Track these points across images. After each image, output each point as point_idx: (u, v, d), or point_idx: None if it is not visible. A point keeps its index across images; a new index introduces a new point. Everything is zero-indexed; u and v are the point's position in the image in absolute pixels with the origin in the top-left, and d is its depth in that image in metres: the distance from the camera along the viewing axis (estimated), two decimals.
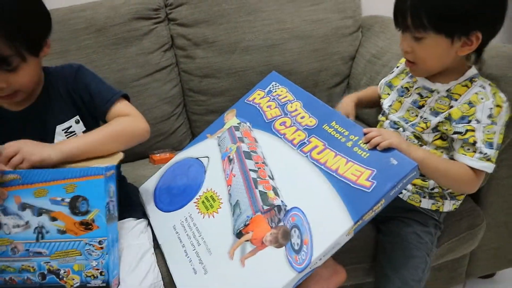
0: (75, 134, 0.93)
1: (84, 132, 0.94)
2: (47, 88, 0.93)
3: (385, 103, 1.03)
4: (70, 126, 0.92)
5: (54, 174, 0.79)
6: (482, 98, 0.85)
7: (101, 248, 0.79)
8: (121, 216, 0.95)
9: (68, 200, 0.78)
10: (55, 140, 0.91)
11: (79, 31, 1.30)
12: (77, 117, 0.93)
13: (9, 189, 0.79)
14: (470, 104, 0.86)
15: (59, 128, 0.91)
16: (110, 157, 0.88)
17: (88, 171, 0.79)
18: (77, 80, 0.94)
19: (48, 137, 0.90)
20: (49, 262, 0.80)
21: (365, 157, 0.79)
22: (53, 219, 0.79)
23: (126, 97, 0.97)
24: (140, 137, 0.95)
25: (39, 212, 0.79)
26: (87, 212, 0.78)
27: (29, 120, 0.91)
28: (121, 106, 0.95)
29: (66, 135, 0.92)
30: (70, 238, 0.79)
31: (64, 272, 0.80)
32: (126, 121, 0.93)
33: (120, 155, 0.89)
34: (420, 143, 0.93)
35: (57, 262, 0.79)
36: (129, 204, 1.00)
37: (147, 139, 1.36)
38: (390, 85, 1.05)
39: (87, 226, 0.78)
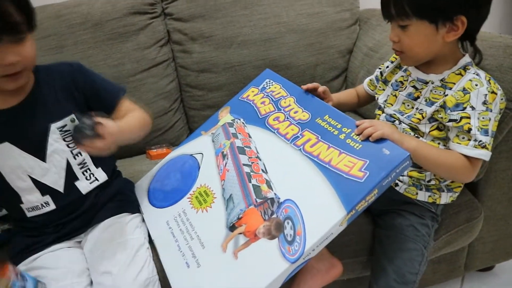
0: (71, 132, 0.91)
1: None
2: (39, 85, 0.90)
3: (380, 98, 1.03)
4: (65, 125, 0.90)
5: None
6: (476, 85, 0.85)
7: None
8: (116, 211, 0.96)
9: None
10: (49, 139, 0.88)
11: (75, 26, 1.30)
12: (73, 116, 0.91)
13: None
14: (465, 91, 0.85)
15: (54, 127, 0.89)
16: None
17: None
18: (81, 77, 0.94)
19: (40, 135, 0.88)
20: None
21: (357, 148, 0.79)
22: None
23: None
24: (149, 128, 0.99)
25: None
26: None
27: (19, 118, 0.87)
28: (128, 101, 0.98)
29: (61, 134, 0.90)
30: None
31: None
32: (143, 113, 0.97)
33: None
34: (416, 135, 0.93)
35: None
36: (124, 199, 1.01)
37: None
38: (385, 81, 1.04)
39: None
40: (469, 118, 0.84)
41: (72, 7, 1.32)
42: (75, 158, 0.92)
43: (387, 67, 1.05)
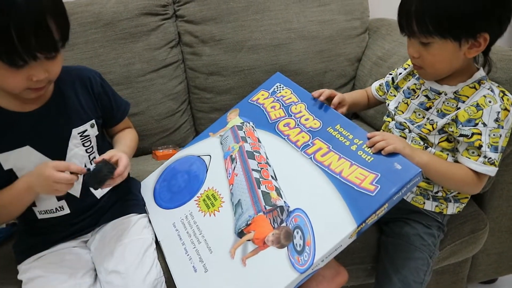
0: (89, 138, 0.91)
1: (97, 136, 0.92)
2: (59, 88, 0.88)
3: (391, 104, 1.02)
4: (86, 130, 0.90)
5: None
6: (490, 101, 0.85)
7: None
8: (125, 212, 0.96)
9: None
10: (70, 143, 0.87)
11: (86, 25, 1.30)
12: (93, 121, 0.91)
13: None
14: (478, 107, 0.85)
15: (75, 132, 0.88)
16: None
17: None
18: (100, 87, 0.94)
19: (62, 140, 0.87)
20: None
21: (369, 161, 0.79)
22: None
23: None
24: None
25: None
26: None
27: (41, 122, 0.85)
28: (127, 119, 1.05)
29: (81, 139, 0.89)
30: None
31: None
32: (135, 132, 1.07)
33: None
34: (425, 144, 0.93)
35: None
36: (132, 199, 1.01)
37: (151, 135, 1.39)
38: (396, 87, 1.04)
39: None
40: (480, 134, 0.84)
41: (84, 6, 1.32)
42: (91, 163, 0.91)
43: (400, 73, 1.05)
